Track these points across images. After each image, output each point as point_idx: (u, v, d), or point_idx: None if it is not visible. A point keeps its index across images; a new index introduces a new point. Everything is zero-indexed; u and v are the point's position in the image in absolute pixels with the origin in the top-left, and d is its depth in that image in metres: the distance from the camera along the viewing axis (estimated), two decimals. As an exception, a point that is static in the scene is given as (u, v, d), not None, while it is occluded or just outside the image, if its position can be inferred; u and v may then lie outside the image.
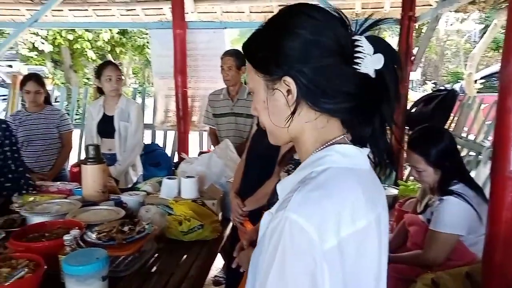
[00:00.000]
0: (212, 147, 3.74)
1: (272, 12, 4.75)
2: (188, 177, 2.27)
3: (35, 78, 3.24)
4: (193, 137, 4.68)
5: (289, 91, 0.75)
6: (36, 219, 1.88)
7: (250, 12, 4.89)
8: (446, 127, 3.85)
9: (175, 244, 1.91)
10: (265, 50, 0.77)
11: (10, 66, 13.32)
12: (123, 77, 3.08)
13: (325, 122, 0.77)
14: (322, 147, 0.78)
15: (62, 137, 3.32)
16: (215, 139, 3.48)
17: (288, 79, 0.74)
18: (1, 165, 2.35)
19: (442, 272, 1.75)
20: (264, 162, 2.11)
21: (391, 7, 4.60)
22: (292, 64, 0.73)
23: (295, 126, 0.78)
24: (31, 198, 2.31)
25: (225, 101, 3.36)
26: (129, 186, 3.03)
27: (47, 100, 3.39)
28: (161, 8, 4.89)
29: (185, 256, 1.82)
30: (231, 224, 2.32)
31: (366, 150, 0.79)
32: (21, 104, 4.97)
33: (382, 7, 4.66)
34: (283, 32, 0.74)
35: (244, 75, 3.34)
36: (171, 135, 4.70)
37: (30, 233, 1.67)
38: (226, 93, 3.37)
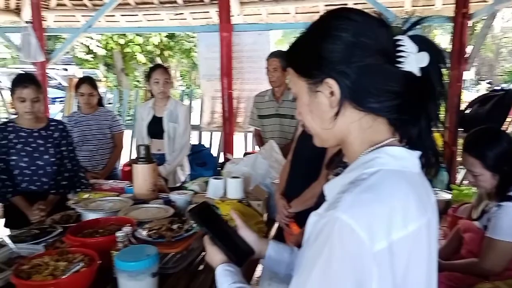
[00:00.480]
0: (257, 148, 3.76)
1: (318, 12, 4.72)
2: (233, 177, 2.29)
3: (89, 81, 3.40)
4: (238, 138, 4.73)
5: (331, 93, 0.75)
6: (90, 216, 1.97)
7: (296, 13, 4.87)
8: (503, 128, 3.64)
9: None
10: (306, 55, 0.78)
11: (66, 69, 14.07)
12: (171, 80, 3.15)
13: (371, 122, 0.77)
14: (370, 149, 0.77)
15: (114, 138, 3.46)
16: (260, 140, 3.49)
17: (330, 81, 0.75)
18: (58, 164, 2.49)
19: (500, 282, 1.65)
20: (310, 164, 2.08)
21: (443, 4, 4.42)
22: (333, 66, 0.74)
23: (340, 128, 0.78)
24: (86, 196, 2.43)
25: (270, 103, 3.36)
26: (177, 185, 3.11)
27: (100, 102, 3.55)
28: (208, 12, 4.98)
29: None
30: (276, 225, 2.32)
31: (417, 153, 0.78)
32: (77, 105, 5.25)
33: (433, 5, 4.48)
34: (323, 35, 0.76)
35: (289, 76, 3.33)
36: (217, 136, 4.78)
37: (85, 229, 1.74)
38: (271, 94, 3.37)
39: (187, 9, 4.99)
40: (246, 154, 4.07)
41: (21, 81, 2.36)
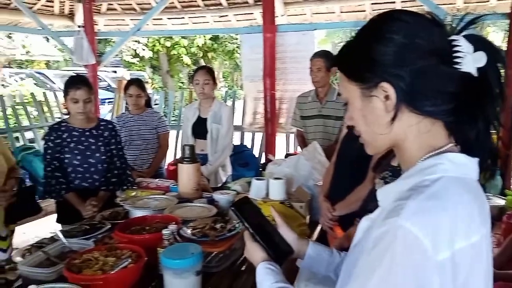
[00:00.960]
0: (299, 150, 3.73)
1: (365, 11, 4.61)
2: (276, 178, 2.28)
3: (137, 83, 3.51)
4: (280, 139, 4.72)
5: (387, 97, 0.74)
6: (137, 213, 2.03)
7: (341, 12, 4.79)
8: None
9: (263, 244, 1.92)
10: (358, 59, 0.77)
11: (115, 71, 14.64)
12: (213, 82, 3.16)
13: (430, 126, 0.75)
14: (429, 154, 0.75)
15: (159, 138, 3.56)
16: (302, 141, 3.46)
17: (385, 85, 0.73)
18: (108, 162, 2.59)
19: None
20: (355, 166, 2.04)
21: (498, 0, 4.18)
22: (387, 69, 0.73)
23: (396, 132, 0.76)
24: (133, 193, 2.51)
25: (313, 103, 3.33)
26: (219, 185, 3.14)
27: (148, 103, 3.66)
28: (252, 13, 5.00)
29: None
30: (319, 228, 2.29)
31: (476, 160, 0.75)
32: (125, 106, 5.45)
33: (488, 1, 4.25)
34: (375, 38, 0.74)
35: (333, 77, 3.28)
36: (259, 136, 4.79)
37: (132, 226, 1.80)
38: (315, 95, 3.33)
39: (231, 11, 5.04)
40: (287, 155, 4.05)
41: (74, 83, 2.47)
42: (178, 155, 4.85)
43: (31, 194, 2.64)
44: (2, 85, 10.46)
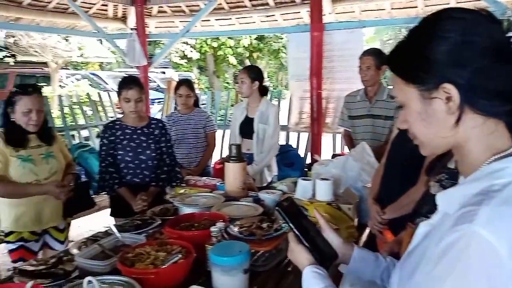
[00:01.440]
0: (346, 150, 3.65)
1: (416, 7, 4.45)
2: (323, 179, 2.25)
3: (187, 84, 3.61)
4: (326, 139, 4.66)
5: (449, 98, 0.71)
6: (186, 210, 2.08)
7: (392, 8, 4.65)
8: None
9: (310, 246, 1.90)
10: (414, 60, 0.74)
11: (164, 72, 15.09)
12: (251, 80, 3.15)
13: (493, 127, 0.71)
14: (495, 157, 0.71)
15: (207, 137, 3.62)
16: (350, 141, 3.39)
17: (447, 86, 0.70)
18: (158, 159, 2.68)
19: None
20: (406, 168, 1.97)
21: None
22: (448, 69, 0.70)
23: (459, 134, 0.73)
24: (181, 191, 2.57)
25: (362, 103, 3.25)
26: (264, 185, 3.14)
27: (196, 103, 3.74)
28: (299, 12, 4.97)
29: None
30: (367, 231, 2.23)
31: None
32: (174, 106, 5.60)
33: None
34: (431, 38, 0.72)
35: (383, 75, 3.18)
36: (305, 136, 4.75)
37: (181, 222, 1.84)
38: (364, 94, 3.25)
39: (278, 10, 5.03)
40: (334, 155, 3.98)
41: (127, 83, 2.59)
42: (224, 154, 4.93)
43: (86, 189, 2.77)
44: (60, 85, 11.09)
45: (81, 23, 5.50)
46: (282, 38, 15.24)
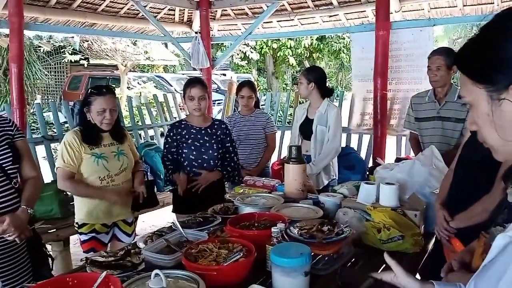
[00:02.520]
0: (412, 154, 3.49)
1: (492, 3, 4.15)
2: (388, 183, 2.16)
3: (249, 85, 3.66)
4: (390, 142, 4.48)
5: None
6: (246, 209, 2.10)
7: (464, 5, 4.37)
8: None
9: (373, 252, 1.84)
10: (484, 59, 0.70)
11: (224, 74, 15.42)
12: (307, 82, 3.12)
13: None
14: None
15: (267, 138, 3.64)
16: (417, 145, 3.23)
17: None
18: (221, 158, 2.75)
19: None
20: (479, 174, 1.84)
21: None
22: None
23: None
24: (241, 190, 2.61)
25: (430, 104, 3.09)
26: (320, 187, 3.09)
27: (257, 104, 3.77)
28: (364, 11, 4.84)
29: (383, 266, 1.74)
30: (433, 239, 2.11)
31: None
32: (233, 108, 5.69)
33: None
34: (503, 36, 0.67)
35: (453, 76, 3.00)
36: (367, 139, 4.61)
37: (241, 221, 1.86)
38: (432, 95, 3.09)
39: (341, 10, 4.94)
40: (398, 159, 3.82)
41: (191, 82, 2.73)
42: (283, 155, 4.92)
43: (150, 187, 2.85)
44: (128, 87, 11.71)
45: (149, 27, 5.76)
46: (343, 38, 14.95)
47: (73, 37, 10.09)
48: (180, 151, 2.74)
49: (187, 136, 2.74)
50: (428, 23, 4.08)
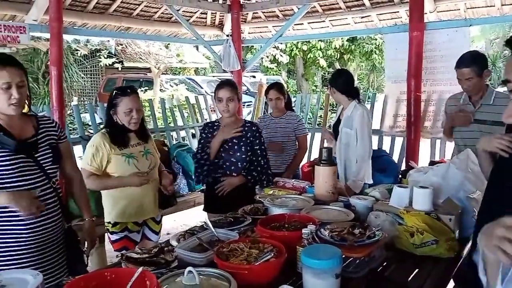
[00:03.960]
0: (447, 157, 3.41)
1: (533, 1, 3.99)
2: (421, 187, 2.12)
3: (277, 87, 3.67)
4: (423, 145, 4.38)
5: None
6: (276, 210, 2.11)
7: (502, 4, 4.23)
8: None
9: (405, 256, 1.82)
10: None
11: (253, 76, 15.47)
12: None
13: None
14: None
15: (298, 140, 3.63)
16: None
17: None
18: (249, 161, 2.75)
19: None
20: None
21: None
22: None
23: None
24: (271, 192, 2.62)
25: (466, 107, 2.99)
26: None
27: (288, 106, 3.77)
28: (397, 12, 4.77)
29: (416, 271, 1.71)
30: (469, 245, 2.05)
31: None
32: (264, 110, 5.72)
33: None
34: None
35: (488, 79, 2.89)
36: (399, 141, 4.53)
37: (272, 222, 1.87)
38: (467, 98, 3.00)
39: (374, 10, 4.88)
40: (432, 162, 3.73)
41: (220, 84, 2.77)
42: (312, 157, 4.90)
43: None
44: (160, 89, 11.96)
45: (182, 30, 5.88)
46: (375, 39, 14.71)
47: (108, 40, 10.42)
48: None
49: None
50: (464, 23, 3.98)
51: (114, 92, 2.45)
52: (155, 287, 1.08)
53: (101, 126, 2.76)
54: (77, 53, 12.01)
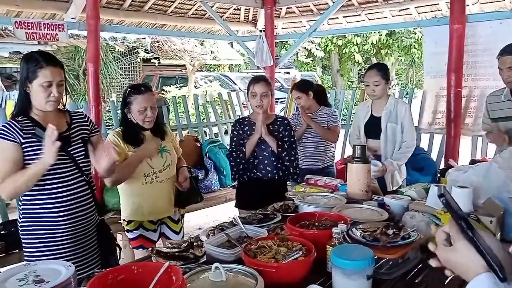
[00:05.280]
0: (489, 155, 3.25)
1: None
2: (460, 187, 2.02)
3: (297, 87, 3.62)
4: (464, 142, 4.19)
5: None
6: (306, 208, 2.07)
7: (553, -7, 3.97)
8: None
9: (442, 258, 1.73)
10: None
11: (288, 72, 15.37)
12: (385, 81, 2.97)
13: None
14: None
15: (330, 130, 3.53)
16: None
17: None
18: (278, 156, 2.73)
19: None
20: None
21: None
22: None
23: None
24: (302, 189, 2.58)
25: (508, 103, 2.84)
26: (394, 188, 2.97)
27: (324, 102, 3.72)
28: (437, 4, 4.57)
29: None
30: (510, 248, 1.94)
31: None
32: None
33: None
34: None
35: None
36: (438, 138, 4.36)
37: (302, 220, 1.84)
38: (509, 93, 2.84)
39: (412, 3, 4.70)
40: (473, 161, 3.57)
41: (254, 79, 2.76)
42: (346, 155, 4.80)
43: (194, 183, 2.75)
44: (195, 86, 12.11)
45: (215, 27, 5.90)
46: (415, 33, 14.24)
47: (144, 38, 10.64)
48: (242, 148, 2.76)
49: (248, 133, 2.77)
50: (509, 15, 3.76)
51: (128, 90, 2.41)
52: (180, 282, 1.08)
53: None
54: (115, 50, 12.35)
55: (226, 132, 5.40)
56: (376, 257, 1.50)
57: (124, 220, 2.51)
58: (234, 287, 1.30)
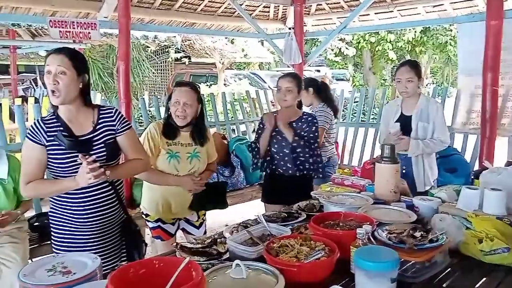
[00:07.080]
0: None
1: None
2: (493, 189, 1.94)
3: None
4: (500, 143, 4.02)
5: None
6: (332, 208, 2.04)
7: None
8: None
9: (472, 263, 1.68)
10: None
11: (318, 70, 15.21)
12: (418, 78, 2.86)
13: None
14: None
15: None
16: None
17: None
18: (299, 152, 2.74)
19: None
20: None
21: None
22: None
23: None
24: (328, 188, 2.54)
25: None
26: (427, 188, 2.87)
27: (323, 98, 3.75)
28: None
29: (483, 280, 1.56)
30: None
31: None
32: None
33: None
34: None
35: None
36: (473, 139, 4.20)
37: (326, 220, 1.81)
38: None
39: (447, -1, 4.56)
40: (509, 163, 3.41)
41: (283, 75, 2.84)
42: (375, 154, 4.70)
43: (221, 189, 2.74)
44: (224, 84, 12.20)
45: (244, 25, 5.91)
46: (451, 30, 13.77)
47: (175, 36, 10.78)
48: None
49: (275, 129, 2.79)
50: (550, 10, 3.58)
51: (174, 84, 2.54)
52: (200, 277, 1.08)
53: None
54: (148, 49, 12.59)
55: (253, 131, 5.40)
56: (402, 260, 1.46)
57: (142, 212, 2.56)
58: (254, 285, 1.30)
